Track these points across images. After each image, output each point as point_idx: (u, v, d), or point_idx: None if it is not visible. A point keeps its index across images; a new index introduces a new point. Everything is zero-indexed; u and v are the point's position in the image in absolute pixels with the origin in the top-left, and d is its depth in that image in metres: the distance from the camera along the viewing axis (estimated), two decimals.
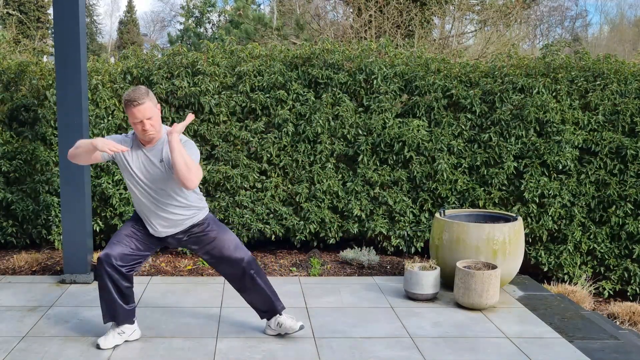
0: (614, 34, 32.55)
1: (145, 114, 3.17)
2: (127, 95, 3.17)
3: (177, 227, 3.46)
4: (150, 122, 3.20)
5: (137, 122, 3.19)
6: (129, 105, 3.15)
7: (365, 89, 5.59)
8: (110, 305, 3.44)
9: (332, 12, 15.88)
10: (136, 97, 3.15)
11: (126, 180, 3.39)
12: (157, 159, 3.31)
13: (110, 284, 3.39)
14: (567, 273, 5.37)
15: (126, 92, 3.24)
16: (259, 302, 3.65)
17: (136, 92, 3.17)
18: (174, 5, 46.84)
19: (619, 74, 5.50)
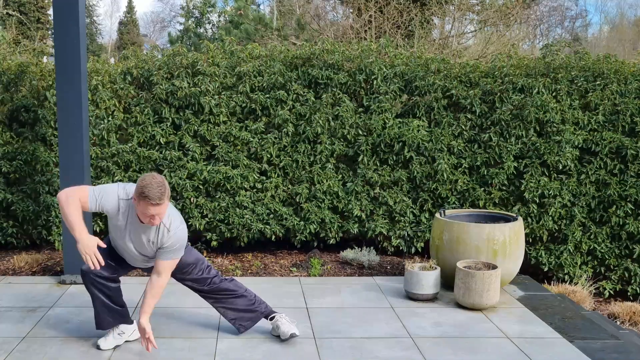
0: (613, 34, 32.54)
1: (159, 212, 3.07)
2: (146, 190, 2.99)
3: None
4: (159, 217, 3.10)
5: (148, 215, 3.07)
6: (146, 201, 3.01)
7: (365, 89, 5.59)
8: (97, 313, 3.44)
9: (332, 12, 15.89)
10: (156, 197, 3.00)
11: (112, 225, 3.28)
12: (146, 237, 3.24)
13: (100, 294, 3.38)
14: (567, 273, 5.36)
15: (145, 182, 3.01)
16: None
17: (156, 191, 3.00)
18: (174, 6, 46.85)
19: (619, 73, 5.50)
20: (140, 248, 3.31)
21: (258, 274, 5.10)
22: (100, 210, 3.20)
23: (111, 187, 3.22)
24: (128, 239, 3.29)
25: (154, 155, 5.40)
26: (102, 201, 3.17)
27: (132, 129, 5.48)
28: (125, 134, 5.53)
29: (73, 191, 3.14)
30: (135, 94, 5.56)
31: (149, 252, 3.32)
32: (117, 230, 3.29)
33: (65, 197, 3.10)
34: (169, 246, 3.25)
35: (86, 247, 3.08)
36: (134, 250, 3.33)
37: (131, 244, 3.31)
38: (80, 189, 3.16)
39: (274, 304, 4.26)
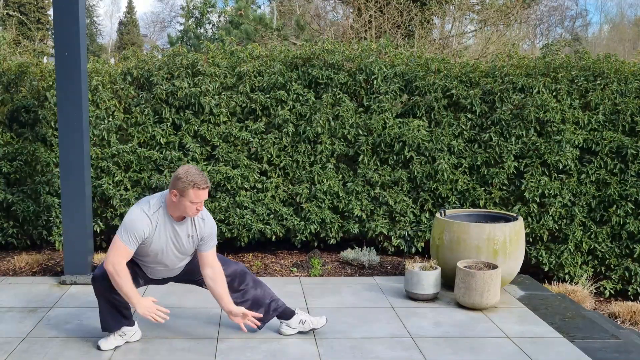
0: (614, 34, 32.54)
1: (206, 196, 3.23)
2: (192, 177, 3.13)
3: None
4: (202, 204, 3.25)
5: (198, 203, 3.18)
6: (196, 188, 3.13)
7: (366, 89, 5.59)
8: (103, 315, 3.46)
9: (332, 12, 15.89)
10: (203, 180, 3.16)
11: (146, 248, 3.30)
12: (185, 233, 3.33)
13: (106, 302, 3.39)
14: (567, 273, 5.36)
15: (185, 173, 3.15)
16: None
17: (200, 175, 3.16)
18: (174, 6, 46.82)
19: (619, 73, 5.50)
20: (181, 249, 3.37)
21: (258, 274, 5.10)
22: (143, 241, 3.24)
23: (134, 216, 3.22)
24: (169, 246, 3.32)
25: (154, 156, 5.40)
26: (138, 234, 3.20)
27: (133, 129, 5.48)
28: (126, 134, 5.53)
29: (114, 257, 3.18)
30: (136, 94, 5.56)
31: (188, 250, 3.41)
32: (157, 244, 3.29)
33: (113, 268, 3.16)
34: (209, 234, 3.39)
35: (148, 310, 3.21)
36: (175, 254, 3.37)
37: (172, 249, 3.34)
38: (116, 249, 3.19)
39: None
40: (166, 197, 3.28)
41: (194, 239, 3.37)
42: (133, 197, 5.39)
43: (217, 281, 3.42)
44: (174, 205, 3.23)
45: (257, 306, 3.63)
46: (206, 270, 3.42)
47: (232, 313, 3.42)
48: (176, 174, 3.18)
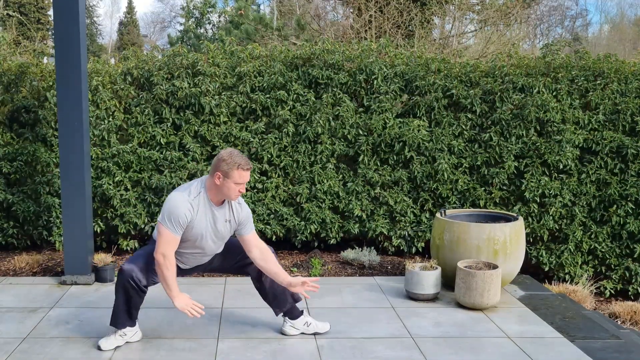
0: (614, 33, 32.54)
1: (248, 179, 3.31)
2: (237, 159, 3.21)
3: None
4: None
5: (242, 184, 3.26)
6: (240, 169, 3.21)
7: (366, 89, 5.59)
8: (118, 312, 3.46)
9: (332, 12, 15.89)
10: (246, 161, 3.25)
11: (187, 233, 3.32)
12: (223, 218, 3.38)
13: (125, 296, 3.40)
14: (568, 273, 5.36)
15: (228, 156, 3.22)
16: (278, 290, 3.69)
17: (242, 157, 3.24)
18: (174, 6, 46.82)
19: (620, 73, 5.50)
20: (218, 234, 3.41)
21: None
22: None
23: (175, 202, 3.24)
24: (208, 230, 3.36)
25: (155, 156, 5.40)
26: (181, 220, 3.23)
27: (133, 130, 5.48)
28: (126, 134, 5.53)
29: (164, 246, 3.22)
30: (136, 95, 5.56)
31: (225, 235, 3.46)
32: (197, 229, 3.32)
33: (163, 257, 3.22)
34: (246, 217, 3.46)
35: (185, 305, 3.26)
36: (212, 239, 3.40)
37: (211, 234, 3.38)
38: (164, 238, 3.22)
39: None
40: (206, 182, 3.32)
41: (231, 224, 3.42)
42: (133, 197, 5.39)
43: (268, 260, 3.48)
44: (216, 188, 3.28)
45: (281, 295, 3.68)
46: (253, 252, 3.48)
47: (292, 284, 3.46)
48: (219, 156, 3.24)
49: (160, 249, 3.22)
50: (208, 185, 3.31)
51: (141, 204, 5.44)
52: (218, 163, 3.24)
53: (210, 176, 3.29)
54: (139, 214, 5.41)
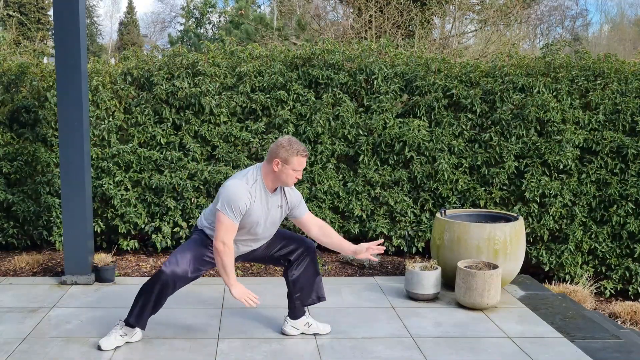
0: (614, 33, 32.53)
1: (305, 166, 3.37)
2: (296, 145, 3.26)
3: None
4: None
5: (300, 170, 3.31)
6: (302, 155, 3.28)
7: (366, 89, 5.59)
8: (144, 312, 3.46)
9: (332, 12, 15.89)
10: (304, 147, 3.31)
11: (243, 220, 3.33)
12: (276, 204, 3.42)
13: (158, 296, 3.40)
14: (568, 272, 5.36)
15: (287, 143, 3.27)
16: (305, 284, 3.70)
17: (300, 144, 3.31)
18: (174, 6, 46.83)
19: (620, 73, 5.50)
20: (271, 220, 3.44)
21: (259, 274, 5.11)
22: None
23: (234, 190, 3.26)
24: (262, 217, 3.38)
25: (155, 156, 5.40)
26: (241, 207, 3.25)
27: (133, 130, 5.48)
28: (126, 134, 5.53)
29: (224, 233, 3.24)
30: (136, 95, 5.56)
31: (277, 221, 3.50)
32: (254, 216, 3.34)
33: (223, 245, 3.26)
34: (298, 200, 3.52)
35: (243, 294, 3.30)
36: (266, 225, 3.43)
37: (265, 220, 3.40)
38: (224, 226, 3.24)
39: (275, 304, 4.27)
40: (262, 169, 3.35)
41: (283, 209, 3.47)
42: (133, 197, 5.39)
43: (330, 234, 3.56)
44: (274, 175, 3.32)
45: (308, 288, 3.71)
46: (313, 230, 3.56)
47: (357, 252, 3.54)
48: (278, 143, 3.28)
49: (220, 237, 3.23)
50: (264, 173, 3.34)
51: (141, 204, 5.44)
52: (277, 150, 3.27)
53: (268, 163, 3.32)
54: (139, 214, 5.41)
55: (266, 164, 3.34)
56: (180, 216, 5.42)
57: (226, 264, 3.26)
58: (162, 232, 5.42)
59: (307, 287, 3.68)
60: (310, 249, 3.67)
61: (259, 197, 3.33)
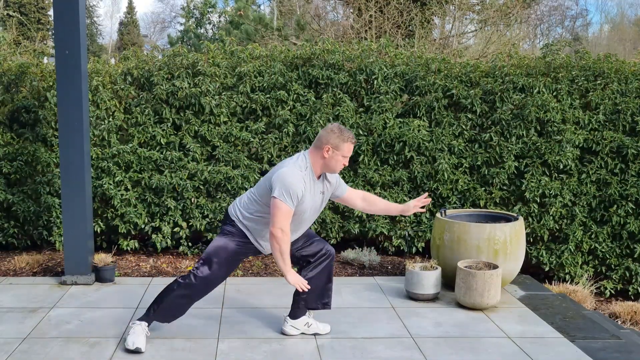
0: (614, 33, 32.54)
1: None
2: (346, 132, 3.30)
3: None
4: None
5: (347, 157, 3.36)
6: (351, 142, 3.32)
7: (366, 89, 5.59)
8: (178, 312, 3.50)
9: (332, 12, 15.89)
10: (354, 136, 3.36)
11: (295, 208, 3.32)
12: (319, 190, 3.44)
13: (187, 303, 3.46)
14: (568, 273, 5.36)
15: (338, 129, 3.31)
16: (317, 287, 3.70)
17: (351, 132, 3.38)
18: (174, 7, 46.84)
19: (620, 73, 5.50)
20: (315, 206, 3.45)
21: (259, 274, 5.11)
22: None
23: (293, 177, 3.26)
24: (311, 204, 3.39)
25: (155, 156, 5.40)
26: (298, 194, 3.26)
27: (133, 130, 5.48)
28: (126, 134, 5.53)
29: (283, 220, 3.22)
30: (136, 95, 5.56)
31: (320, 207, 3.52)
32: (305, 203, 3.34)
33: (282, 231, 3.23)
34: (337, 180, 3.57)
35: (297, 281, 3.32)
36: (311, 212, 3.44)
37: (312, 206, 3.40)
38: (282, 212, 3.22)
39: (275, 303, 4.27)
40: (310, 156, 3.35)
41: (325, 195, 3.50)
42: (133, 197, 5.39)
43: (374, 202, 3.65)
44: (323, 161, 3.34)
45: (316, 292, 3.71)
46: (358, 203, 3.64)
47: (405, 211, 3.62)
48: (329, 129, 3.30)
49: (278, 224, 3.21)
50: (313, 160, 3.35)
51: (141, 204, 5.44)
52: (328, 136, 3.29)
53: (317, 150, 3.33)
54: (139, 214, 5.41)
55: (315, 150, 3.34)
56: (180, 216, 5.42)
57: (284, 250, 3.24)
58: (162, 232, 5.42)
59: (315, 292, 3.68)
60: (330, 255, 3.66)
61: (309, 184, 3.34)
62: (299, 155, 3.38)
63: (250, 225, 3.43)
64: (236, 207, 3.49)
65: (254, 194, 3.43)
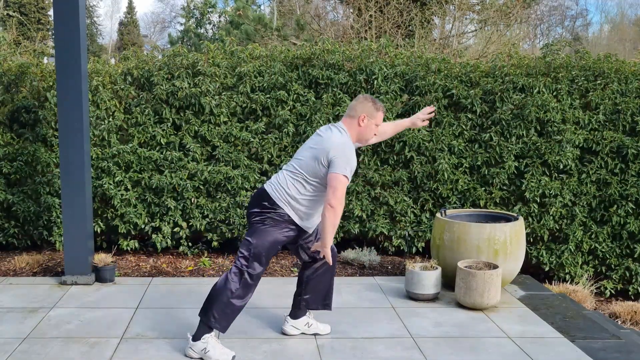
0: (614, 33, 32.55)
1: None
2: (379, 102, 3.38)
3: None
4: None
5: (379, 124, 3.39)
6: (380, 110, 3.36)
7: (366, 89, 5.59)
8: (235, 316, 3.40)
9: (332, 12, 15.90)
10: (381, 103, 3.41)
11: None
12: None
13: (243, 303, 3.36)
14: (568, 272, 5.36)
15: (368, 99, 3.34)
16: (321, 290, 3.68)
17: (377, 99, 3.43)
18: (174, 6, 46.88)
19: (620, 73, 5.50)
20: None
21: None
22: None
23: (350, 148, 3.22)
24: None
25: (155, 156, 5.40)
26: (354, 167, 3.24)
27: (133, 130, 5.48)
28: (126, 134, 5.53)
29: (342, 192, 3.16)
30: (136, 95, 5.56)
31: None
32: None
33: (341, 206, 3.18)
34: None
35: (329, 253, 3.30)
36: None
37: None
38: (343, 184, 3.16)
39: (275, 304, 4.27)
40: (346, 126, 3.34)
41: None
42: (133, 197, 5.39)
43: (383, 133, 3.70)
44: (359, 130, 3.35)
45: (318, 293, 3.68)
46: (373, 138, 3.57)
47: (414, 124, 3.74)
48: (364, 99, 3.34)
49: (339, 197, 3.14)
50: (349, 130, 3.34)
51: (141, 204, 5.44)
52: (363, 105, 3.32)
53: (351, 120, 3.33)
54: (139, 214, 5.41)
55: (349, 120, 3.34)
56: (180, 216, 5.42)
57: (336, 224, 3.20)
58: (162, 232, 5.42)
59: (317, 292, 3.67)
60: (335, 256, 3.62)
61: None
62: (337, 126, 3.33)
63: (302, 209, 3.30)
64: (283, 192, 3.27)
65: (303, 175, 3.25)
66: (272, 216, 3.29)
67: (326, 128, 3.34)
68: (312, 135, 3.41)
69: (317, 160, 3.21)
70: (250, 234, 3.32)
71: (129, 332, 3.75)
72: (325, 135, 3.28)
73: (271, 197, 3.29)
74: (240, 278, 3.31)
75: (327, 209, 3.15)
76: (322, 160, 3.19)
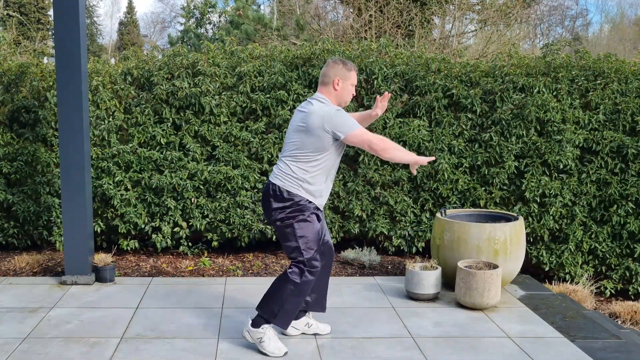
0: (614, 33, 32.55)
1: None
2: (348, 62, 3.33)
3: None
4: None
5: (354, 83, 3.37)
6: (352, 69, 3.34)
7: (366, 89, 5.59)
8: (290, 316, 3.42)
9: (332, 12, 15.89)
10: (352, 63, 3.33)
11: (332, 156, 3.30)
12: None
13: (302, 298, 3.39)
14: (568, 272, 5.36)
15: (340, 61, 3.32)
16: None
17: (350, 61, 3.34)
18: (174, 6, 46.90)
19: (620, 73, 5.50)
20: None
21: (259, 274, 5.11)
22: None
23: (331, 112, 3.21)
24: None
25: (155, 156, 5.40)
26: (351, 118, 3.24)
27: (133, 130, 5.48)
28: (126, 134, 5.53)
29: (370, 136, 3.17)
30: (136, 95, 5.56)
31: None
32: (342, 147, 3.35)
33: (380, 140, 3.17)
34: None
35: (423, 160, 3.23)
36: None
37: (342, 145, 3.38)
38: (362, 132, 3.18)
39: None
40: (324, 94, 3.33)
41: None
42: (133, 197, 5.39)
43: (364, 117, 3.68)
44: (336, 94, 3.34)
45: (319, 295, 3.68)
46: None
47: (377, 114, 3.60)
48: (333, 63, 3.32)
49: (369, 138, 3.16)
50: (327, 97, 3.32)
51: (141, 204, 5.44)
52: (334, 69, 3.30)
53: (326, 86, 3.33)
54: (139, 214, 5.41)
55: (325, 88, 3.33)
56: (180, 216, 5.42)
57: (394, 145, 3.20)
58: (162, 232, 5.42)
59: (317, 295, 3.67)
60: (333, 254, 3.63)
61: None
62: (316, 98, 3.31)
63: (313, 188, 3.28)
64: (292, 178, 3.27)
65: (303, 154, 3.25)
66: (295, 208, 3.29)
67: (306, 103, 3.34)
68: (295, 114, 3.38)
69: (313, 135, 3.20)
70: (290, 237, 3.32)
71: (129, 332, 3.75)
72: (308, 109, 3.26)
73: (285, 188, 3.28)
74: (302, 274, 3.34)
75: (383, 152, 3.18)
76: (319, 132, 3.19)
